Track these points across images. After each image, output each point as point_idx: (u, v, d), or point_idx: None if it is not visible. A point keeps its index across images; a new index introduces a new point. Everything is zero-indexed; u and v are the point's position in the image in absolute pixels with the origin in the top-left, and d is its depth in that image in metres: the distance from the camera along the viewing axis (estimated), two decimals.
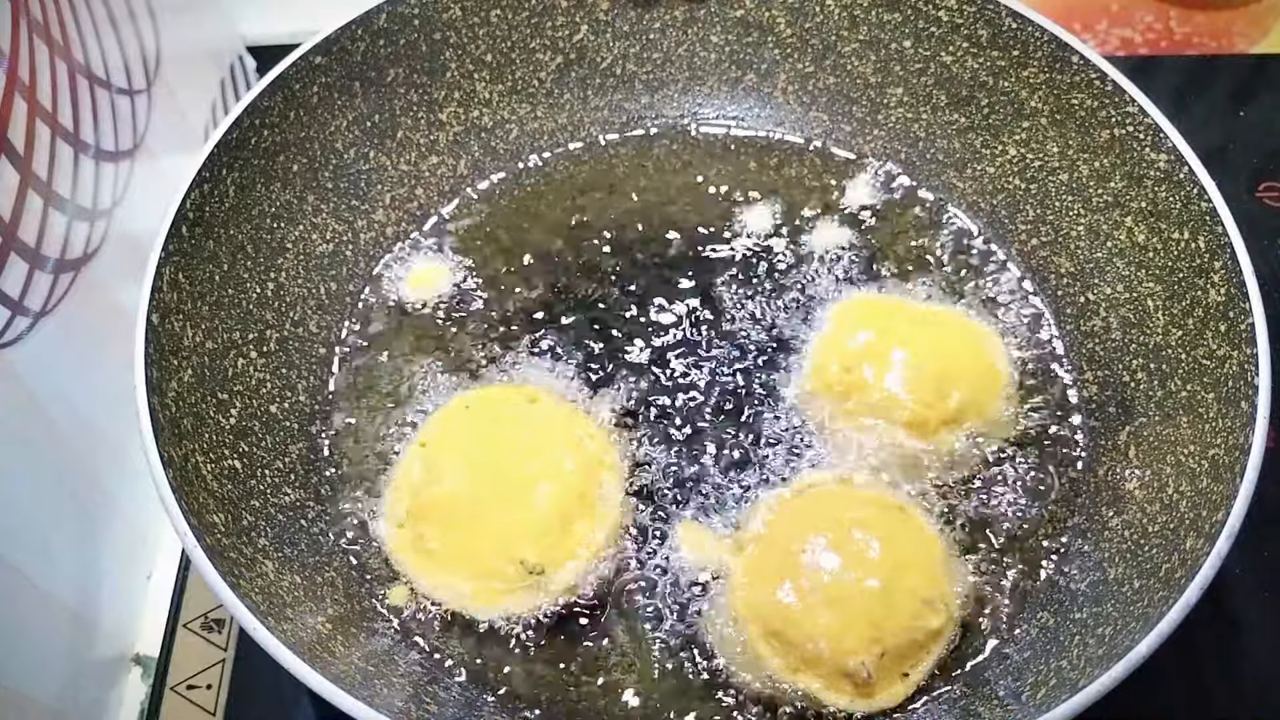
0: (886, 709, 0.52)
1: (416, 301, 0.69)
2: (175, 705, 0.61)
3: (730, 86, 0.77)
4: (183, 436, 0.53)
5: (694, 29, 0.76)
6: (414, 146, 0.72)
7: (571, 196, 0.74)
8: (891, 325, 0.64)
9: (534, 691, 0.54)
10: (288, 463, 0.60)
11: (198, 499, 0.51)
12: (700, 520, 0.58)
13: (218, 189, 0.60)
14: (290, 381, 0.63)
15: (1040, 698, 0.48)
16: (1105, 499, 0.58)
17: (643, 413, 0.63)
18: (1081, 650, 0.50)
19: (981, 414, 0.60)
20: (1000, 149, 0.70)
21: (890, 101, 0.74)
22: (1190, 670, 0.60)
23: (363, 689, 0.46)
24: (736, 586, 0.55)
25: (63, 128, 0.59)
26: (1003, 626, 0.55)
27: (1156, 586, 0.49)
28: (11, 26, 0.54)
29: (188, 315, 0.57)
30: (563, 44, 0.75)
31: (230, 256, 0.61)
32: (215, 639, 0.63)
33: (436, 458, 0.59)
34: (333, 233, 0.68)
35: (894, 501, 0.57)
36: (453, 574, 0.56)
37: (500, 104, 0.75)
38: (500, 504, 0.56)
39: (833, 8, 0.73)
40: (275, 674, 0.45)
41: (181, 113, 0.77)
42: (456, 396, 0.63)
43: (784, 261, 0.70)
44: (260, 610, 0.47)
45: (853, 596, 0.52)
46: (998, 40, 0.68)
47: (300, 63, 0.65)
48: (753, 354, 0.65)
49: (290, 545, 0.55)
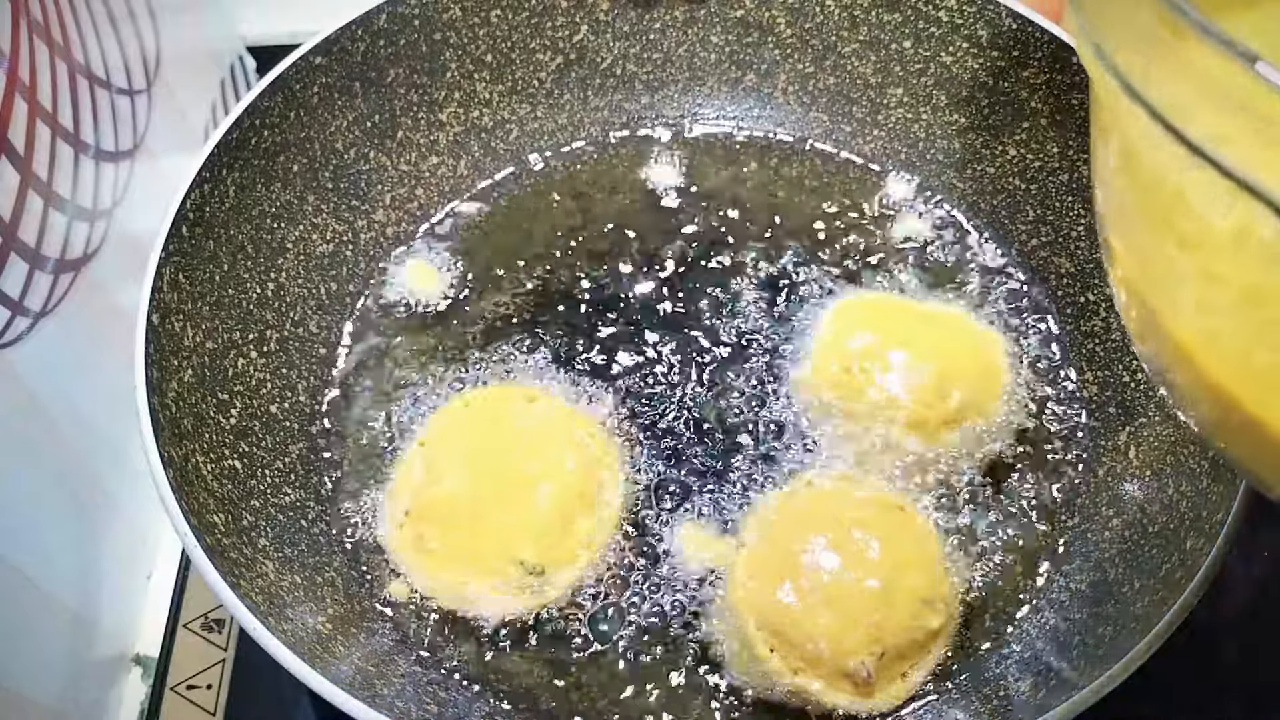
0: (886, 709, 0.52)
1: (417, 301, 0.69)
2: (175, 705, 0.61)
3: (730, 86, 0.77)
4: (183, 436, 0.53)
5: (694, 29, 0.76)
6: (414, 147, 0.72)
7: (571, 196, 0.74)
8: (891, 325, 0.64)
9: (534, 691, 0.54)
10: (288, 463, 0.60)
11: (198, 499, 0.51)
12: (700, 520, 0.58)
13: (218, 189, 0.60)
14: (290, 381, 0.63)
15: (1040, 698, 0.48)
16: (1105, 499, 0.58)
17: (642, 412, 0.63)
18: (1081, 650, 0.50)
19: (981, 414, 0.60)
20: (1000, 149, 0.70)
21: (890, 102, 0.74)
22: (1190, 670, 0.60)
23: (363, 689, 0.46)
24: (736, 586, 0.55)
25: (63, 128, 0.59)
26: (1003, 627, 0.56)
27: (1156, 586, 0.49)
28: (11, 26, 0.54)
29: (188, 315, 0.57)
30: (563, 44, 0.75)
31: (230, 256, 0.61)
32: (215, 639, 0.63)
33: (436, 458, 0.59)
34: (333, 233, 0.68)
35: (894, 501, 0.57)
36: (453, 574, 0.56)
37: (500, 104, 0.75)
38: (500, 504, 0.56)
39: (833, 8, 0.73)
40: (275, 674, 0.45)
41: (181, 113, 0.77)
42: (456, 396, 0.63)
43: (784, 261, 0.70)
44: (260, 610, 0.47)
45: (853, 596, 0.52)
46: (998, 40, 0.68)
47: (300, 63, 0.65)
48: (752, 353, 0.65)
49: (290, 545, 0.55)
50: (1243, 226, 0.26)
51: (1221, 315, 0.30)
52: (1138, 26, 0.28)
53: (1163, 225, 0.31)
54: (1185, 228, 0.30)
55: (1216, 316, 0.31)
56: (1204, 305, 0.31)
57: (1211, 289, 0.30)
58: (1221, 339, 0.31)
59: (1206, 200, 0.27)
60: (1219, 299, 0.30)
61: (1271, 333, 0.29)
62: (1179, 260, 0.31)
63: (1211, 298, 0.30)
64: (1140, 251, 0.35)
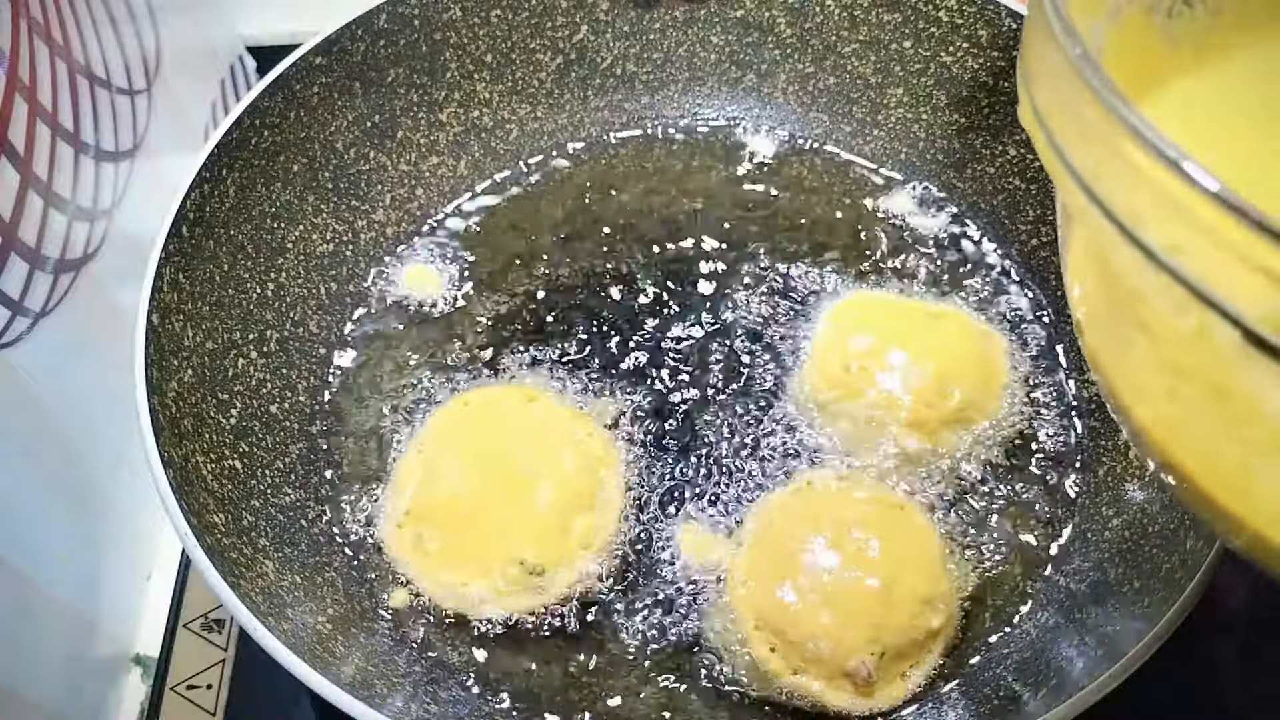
0: (886, 709, 0.52)
1: (416, 301, 0.69)
2: (175, 705, 0.61)
3: (730, 86, 0.77)
4: (183, 436, 0.53)
5: (694, 29, 0.76)
6: (414, 147, 0.72)
7: (571, 196, 0.74)
8: (892, 325, 0.64)
9: (534, 691, 0.54)
10: (288, 463, 0.60)
11: (198, 499, 0.51)
12: (700, 520, 0.58)
13: (218, 189, 0.60)
14: (290, 381, 0.63)
15: (1040, 698, 0.48)
16: (1105, 499, 0.58)
17: (642, 412, 0.63)
18: (1081, 650, 0.50)
19: (982, 413, 0.60)
20: (1000, 149, 0.70)
21: (890, 102, 0.74)
22: (1190, 670, 0.60)
23: (363, 689, 0.46)
24: (736, 586, 0.55)
25: (63, 128, 0.59)
26: (1003, 627, 0.56)
27: (1156, 586, 0.49)
28: (11, 26, 0.54)
29: (188, 315, 0.57)
30: (563, 44, 0.75)
31: (230, 256, 0.61)
32: (215, 639, 0.63)
33: (436, 458, 0.59)
34: (333, 233, 0.68)
35: (894, 500, 0.57)
36: (453, 574, 0.56)
37: (500, 104, 0.75)
38: (500, 504, 0.56)
39: (833, 8, 0.73)
40: (275, 674, 0.45)
41: (181, 113, 0.77)
42: (456, 396, 0.63)
43: (784, 261, 0.70)
44: (260, 610, 0.47)
45: (853, 596, 0.52)
46: (998, 40, 0.68)
47: (300, 63, 0.65)
48: (753, 353, 0.65)
49: (290, 545, 0.55)
50: (1204, 327, 0.25)
51: (1188, 407, 0.29)
52: (1085, 122, 0.27)
53: (1127, 317, 0.30)
54: (1149, 322, 0.29)
55: (1183, 408, 0.30)
56: (1171, 395, 0.30)
57: (1178, 380, 0.29)
58: (1188, 429, 0.30)
59: (1166, 303, 0.26)
60: (1185, 391, 0.29)
61: (1240, 430, 0.28)
62: (1144, 349, 0.30)
63: (1178, 389, 0.29)
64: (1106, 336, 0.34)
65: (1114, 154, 0.26)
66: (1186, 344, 0.27)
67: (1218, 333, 0.24)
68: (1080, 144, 0.28)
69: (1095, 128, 0.27)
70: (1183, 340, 0.26)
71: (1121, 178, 0.26)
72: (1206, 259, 0.24)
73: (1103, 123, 0.26)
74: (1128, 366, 0.32)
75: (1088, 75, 0.27)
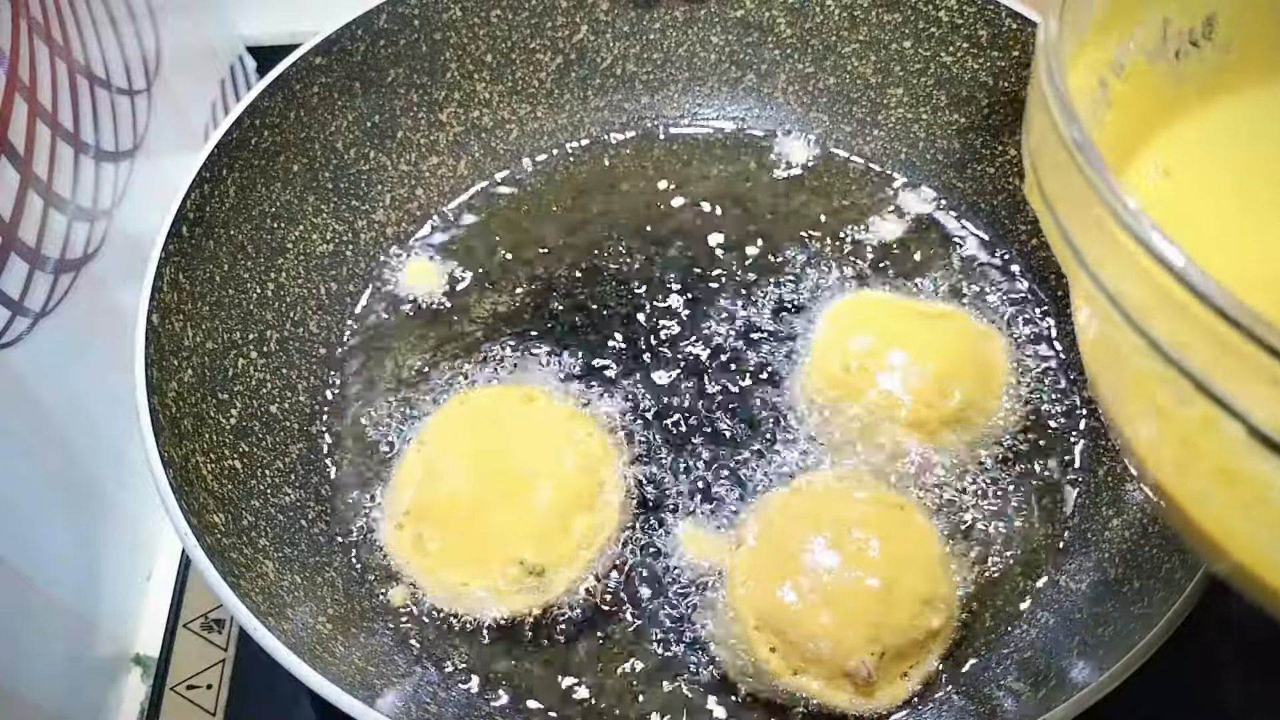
0: (886, 709, 0.52)
1: (416, 301, 0.69)
2: (175, 705, 0.61)
3: (730, 86, 0.77)
4: (183, 436, 0.53)
5: (694, 29, 0.76)
6: (414, 147, 0.72)
7: (571, 196, 0.74)
8: (892, 325, 0.64)
9: (534, 691, 0.54)
10: (288, 463, 0.60)
11: (198, 499, 0.51)
12: (700, 520, 0.58)
13: (218, 189, 0.60)
14: (290, 381, 0.63)
15: (1040, 698, 0.48)
16: (1105, 499, 0.58)
17: (642, 412, 0.63)
18: (1081, 650, 0.50)
19: (982, 413, 0.60)
20: (1000, 149, 0.70)
21: (890, 102, 0.74)
22: (1190, 670, 0.60)
23: (363, 689, 0.46)
24: (736, 586, 0.54)
25: (63, 128, 0.59)
26: (1003, 627, 0.56)
27: (1156, 586, 0.49)
28: (11, 26, 0.54)
29: (188, 315, 0.57)
30: (563, 44, 0.75)
31: (230, 256, 0.61)
32: (215, 639, 0.63)
33: (436, 458, 0.59)
34: (333, 233, 0.68)
35: (894, 501, 0.57)
36: (453, 574, 0.55)
37: (500, 104, 0.75)
38: (500, 504, 0.56)
39: (833, 8, 0.73)
40: (275, 674, 0.45)
41: (181, 113, 0.77)
42: (455, 396, 0.63)
43: (784, 261, 0.70)
44: (260, 610, 0.47)
45: (853, 596, 0.52)
46: (998, 40, 0.68)
47: (300, 63, 0.65)
48: (753, 353, 0.65)
49: (290, 545, 0.55)
50: (1209, 416, 0.25)
51: (1203, 481, 0.29)
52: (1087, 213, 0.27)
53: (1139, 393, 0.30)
54: (1159, 400, 0.28)
55: (1199, 481, 0.29)
56: (1183, 468, 0.30)
57: (1189, 456, 0.29)
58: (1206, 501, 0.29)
59: (1172, 391, 0.25)
60: (1198, 467, 0.29)
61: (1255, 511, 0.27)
62: (1156, 424, 0.30)
63: (1191, 464, 0.29)
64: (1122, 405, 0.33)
65: (1117, 248, 0.25)
66: (1194, 426, 0.26)
67: (1224, 424, 0.24)
68: (1084, 232, 0.28)
69: (1096, 218, 0.26)
70: (1190, 422, 0.26)
71: (1125, 270, 0.26)
72: (1212, 359, 0.24)
73: (1104, 216, 0.26)
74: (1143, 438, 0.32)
75: (1089, 171, 0.26)
